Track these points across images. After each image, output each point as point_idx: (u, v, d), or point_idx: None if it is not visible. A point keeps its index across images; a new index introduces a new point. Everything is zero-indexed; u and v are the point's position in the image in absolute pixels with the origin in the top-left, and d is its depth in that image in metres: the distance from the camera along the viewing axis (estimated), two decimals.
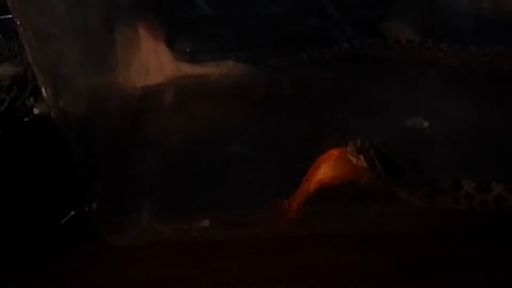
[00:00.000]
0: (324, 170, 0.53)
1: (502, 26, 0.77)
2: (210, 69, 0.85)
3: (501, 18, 0.78)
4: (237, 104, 0.75)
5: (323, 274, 0.52)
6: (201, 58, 0.85)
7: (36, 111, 0.54)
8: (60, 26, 0.54)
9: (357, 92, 0.73)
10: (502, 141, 0.61)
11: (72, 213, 0.59)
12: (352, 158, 0.52)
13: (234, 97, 0.77)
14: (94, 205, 0.55)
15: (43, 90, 0.48)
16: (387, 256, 0.53)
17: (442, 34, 0.79)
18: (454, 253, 0.52)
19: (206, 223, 0.56)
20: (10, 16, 0.45)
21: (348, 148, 0.53)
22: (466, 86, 0.70)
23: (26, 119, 0.54)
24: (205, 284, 0.52)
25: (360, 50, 0.81)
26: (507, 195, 0.49)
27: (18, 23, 0.46)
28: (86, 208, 0.55)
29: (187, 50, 0.85)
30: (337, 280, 0.51)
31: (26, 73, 0.52)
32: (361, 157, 0.51)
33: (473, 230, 0.53)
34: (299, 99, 0.75)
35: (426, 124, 0.65)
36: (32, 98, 0.53)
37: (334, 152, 0.54)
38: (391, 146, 0.53)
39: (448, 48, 0.77)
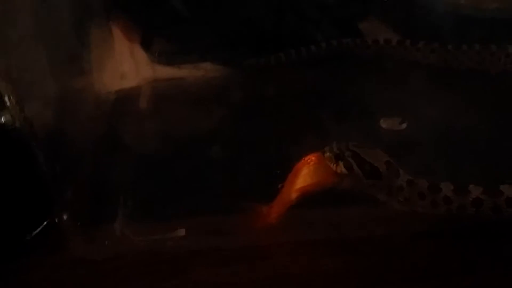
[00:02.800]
0: (304, 178, 0.52)
1: (480, 24, 0.76)
2: (187, 71, 0.83)
3: (479, 15, 0.78)
4: (215, 107, 0.74)
5: (301, 281, 0.51)
6: (177, 60, 0.84)
7: (2, 120, 0.52)
8: (25, 29, 0.52)
9: (334, 92, 0.73)
10: (481, 141, 0.61)
11: (44, 223, 0.57)
12: (331, 164, 0.51)
13: (212, 99, 0.76)
14: (64, 215, 0.53)
15: (6, 98, 0.46)
16: (366, 261, 0.52)
17: (421, 33, 0.79)
18: (435, 257, 0.51)
19: (182, 232, 0.55)
20: None
21: (326, 155, 0.51)
22: (444, 85, 0.70)
23: None
24: None
25: (338, 49, 0.80)
26: (485, 198, 0.48)
27: None
28: (56, 219, 0.54)
29: (158, 52, 0.83)
30: (316, 286, 0.50)
31: None
32: (340, 163, 0.50)
33: (454, 233, 0.52)
34: (276, 101, 0.74)
35: (403, 125, 0.64)
36: None
37: (311, 158, 0.53)
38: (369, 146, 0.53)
39: (426, 46, 0.76)
